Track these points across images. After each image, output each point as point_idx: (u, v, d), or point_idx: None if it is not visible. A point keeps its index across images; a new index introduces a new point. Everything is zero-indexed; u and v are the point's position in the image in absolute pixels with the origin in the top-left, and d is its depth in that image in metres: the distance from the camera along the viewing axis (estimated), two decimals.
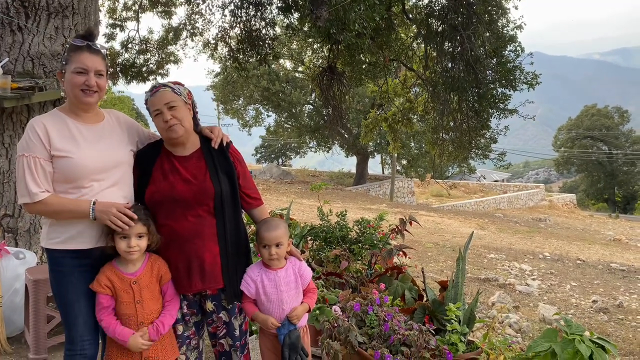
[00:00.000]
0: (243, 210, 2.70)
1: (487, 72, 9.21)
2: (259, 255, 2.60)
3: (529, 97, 9.74)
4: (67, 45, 2.40)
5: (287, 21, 8.86)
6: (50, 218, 2.34)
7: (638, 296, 8.27)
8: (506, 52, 9.62)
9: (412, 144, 28.38)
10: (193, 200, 2.42)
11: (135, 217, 2.32)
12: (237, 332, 2.59)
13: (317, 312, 3.36)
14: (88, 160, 2.32)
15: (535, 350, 2.74)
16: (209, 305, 2.54)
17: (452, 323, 3.18)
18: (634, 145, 48.94)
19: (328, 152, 32.17)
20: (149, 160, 2.51)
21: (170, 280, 2.46)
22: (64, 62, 2.35)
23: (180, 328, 2.55)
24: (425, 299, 3.87)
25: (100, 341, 2.47)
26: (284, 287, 2.54)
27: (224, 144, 2.57)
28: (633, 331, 6.37)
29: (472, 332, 3.74)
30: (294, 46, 24.53)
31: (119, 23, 12.62)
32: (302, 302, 2.61)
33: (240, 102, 30.64)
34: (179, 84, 2.51)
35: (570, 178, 60.18)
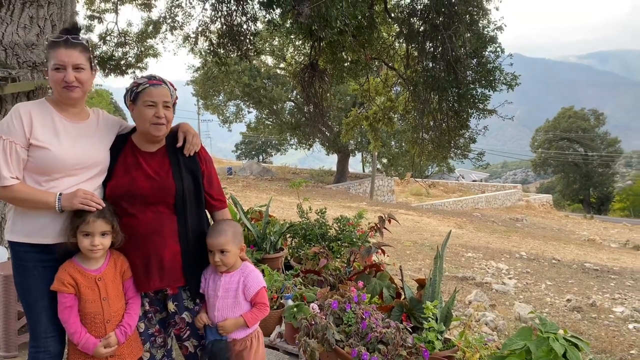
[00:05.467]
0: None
1: (467, 72, 9.27)
2: None
3: (508, 98, 9.82)
4: (47, 42, 2.34)
5: (269, 17, 8.78)
6: (12, 204, 2.31)
7: (610, 295, 8.45)
8: (486, 52, 9.69)
9: (393, 143, 28.52)
10: (152, 197, 2.37)
11: (102, 202, 2.28)
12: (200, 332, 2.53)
13: (295, 309, 3.34)
14: (66, 155, 2.29)
15: (510, 348, 2.75)
16: (170, 306, 2.48)
17: (429, 321, 3.19)
18: (608, 148, 49.97)
19: (309, 149, 32.15)
20: (113, 152, 2.46)
21: (131, 277, 2.41)
22: (46, 60, 2.31)
23: (142, 325, 2.50)
24: (403, 297, 3.88)
25: (67, 338, 2.41)
26: (221, 293, 2.45)
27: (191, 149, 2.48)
28: (605, 329, 6.50)
29: (449, 330, 3.76)
30: (276, 42, 24.44)
31: (97, 15, 12.38)
32: (240, 315, 2.47)
33: (220, 97, 30.42)
34: (173, 86, 2.48)
35: (547, 179, 61.17)
